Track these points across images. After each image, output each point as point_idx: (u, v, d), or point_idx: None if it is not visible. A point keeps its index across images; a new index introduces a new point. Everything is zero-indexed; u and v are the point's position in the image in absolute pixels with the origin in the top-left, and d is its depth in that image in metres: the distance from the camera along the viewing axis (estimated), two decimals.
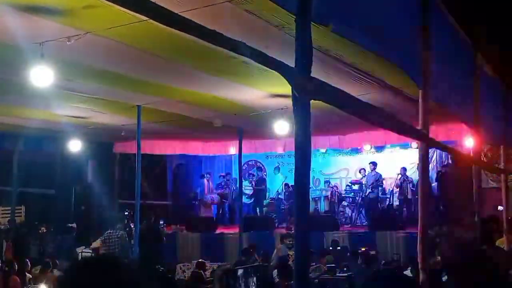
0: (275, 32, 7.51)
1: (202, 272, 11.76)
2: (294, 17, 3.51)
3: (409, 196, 19.09)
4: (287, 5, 4.14)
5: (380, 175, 19.76)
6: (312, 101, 3.50)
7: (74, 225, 18.07)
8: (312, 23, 3.64)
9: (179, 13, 2.95)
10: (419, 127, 5.67)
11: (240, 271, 9.56)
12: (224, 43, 3.06)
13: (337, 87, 3.75)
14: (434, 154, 19.49)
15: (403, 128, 5.03)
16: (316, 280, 11.16)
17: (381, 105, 10.36)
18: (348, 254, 14.50)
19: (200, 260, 13.82)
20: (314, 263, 12.22)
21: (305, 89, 3.47)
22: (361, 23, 4.66)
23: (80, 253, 15.52)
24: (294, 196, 3.67)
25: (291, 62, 3.52)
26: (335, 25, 4.37)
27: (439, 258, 10.16)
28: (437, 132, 14.69)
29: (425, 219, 5.78)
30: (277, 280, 10.26)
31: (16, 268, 12.23)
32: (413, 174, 19.20)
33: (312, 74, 3.53)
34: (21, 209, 19.26)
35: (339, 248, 15.39)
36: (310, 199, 19.74)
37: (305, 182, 3.72)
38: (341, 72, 9.65)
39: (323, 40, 7.55)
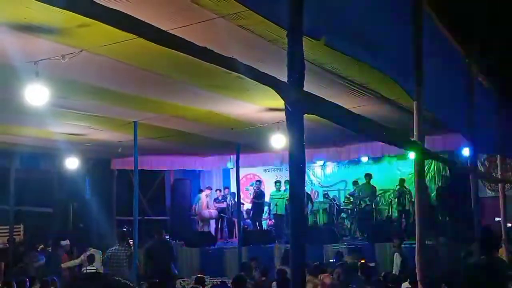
0: (269, 47, 7.53)
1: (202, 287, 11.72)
2: (286, 31, 3.52)
3: (408, 207, 19.04)
4: (279, 20, 4.16)
5: (375, 187, 19.71)
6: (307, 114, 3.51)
7: (68, 242, 17.93)
8: (305, 36, 3.66)
9: (172, 30, 2.96)
10: (414, 138, 5.69)
11: None
12: (215, 60, 3.08)
13: (330, 101, 3.76)
14: (432, 164, 19.49)
15: (398, 140, 5.04)
16: None
17: (376, 117, 10.37)
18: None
19: (199, 275, 13.77)
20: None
21: (298, 103, 3.48)
22: (354, 36, 4.69)
23: (84, 270, 15.44)
24: (289, 208, 3.67)
25: (285, 77, 3.53)
26: (328, 38, 4.39)
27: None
28: (434, 142, 14.71)
29: (423, 230, 5.78)
30: None
31: (15, 287, 12.16)
32: (411, 185, 19.16)
33: (306, 88, 3.54)
34: (19, 227, 19.20)
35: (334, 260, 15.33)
36: (309, 212, 19.74)
37: (301, 195, 3.72)
38: (335, 85, 9.68)
39: (316, 53, 7.58)
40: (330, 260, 15.49)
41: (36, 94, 8.29)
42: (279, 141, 13.78)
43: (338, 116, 3.90)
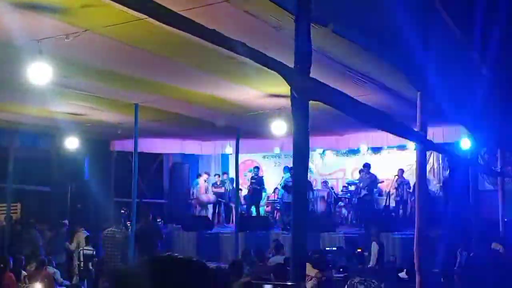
0: (273, 33, 7.50)
1: None
2: (294, 18, 3.51)
3: (405, 198, 19.06)
4: (287, 6, 4.14)
5: (376, 176, 19.63)
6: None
7: (66, 221, 17.99)
8: (312, 23, 3.64)
9: (178, 12, 2.94)
10: (416, 129, 5.69)
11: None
12: (224, 43, 3.06)
13: (336, 88, 3.75)
14: (431, 156, 19.46)
15: (402, 130, 5.04)
16: None
17: (379, 107, 10.34)
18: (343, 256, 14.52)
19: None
20: None
21: (304, 90, 3.47)
22: (361, 24, 4.67)
23: (81, 251, 15.51)
24: (292, 196, 3.67)
25: (289, 64, 3.52)
26: (335, 25, 4.38)
27: None
28: (434, 134, 14.69)
29: (422, 221, 5.79)
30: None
31: (11, 265, 12.18)
32: (410, 175, 19.19)
33: (310, 75, 3.53)
34: (16, 206, 19.20)
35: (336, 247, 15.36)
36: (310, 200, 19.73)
37: (303, 182, 3.72)
38: (338, 73, 9.63)
39: (321, 41, 7.53)
40: (327, 248, 15.52)
41: (39, 72, 8.26)
42: (279, 127, 13.75)
43: (343, 104, 3.89)
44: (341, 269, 12.39)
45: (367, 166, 19.58)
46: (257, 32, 7.51)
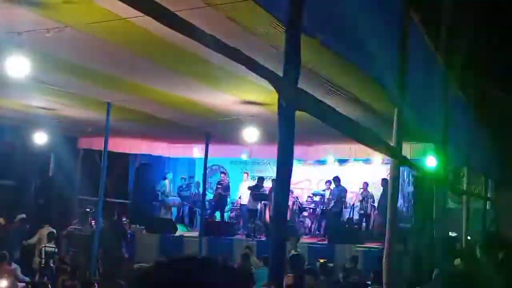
0: (257, 42, 7.51)
1: None
2: (282, 28, 3.56)
3: (369, 211, 19.25)
4: (279, 16, 4.19)
5: (345, 190, 19.77)
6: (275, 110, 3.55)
7: (24, 215, 17.69)
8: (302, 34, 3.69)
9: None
10: (392, 144, 5.78)
11: None
12: (220, 49, 3.08)
13: (322, 100, 3.81)
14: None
15: (382, 145, 5.12)
16: None
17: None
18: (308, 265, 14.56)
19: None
20: None
21: (292, 99, 3.52)
22: (347, 37, 4.74)
23: (43, 248, 15.26)
24: (273, 205, 3.71)
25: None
26: (322, 38, 4.43)
27: None
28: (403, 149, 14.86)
29: (393, 235, 5.88)
30: None
31: None
32: (375, 189, 19.40)
33: None
34: None
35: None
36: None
37: (286, 191, 3.77)
38: (316, 85, 9.66)
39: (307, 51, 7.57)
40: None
41: (17, 65, 8.19)
42: (250, 134, 13.81)
43: (329, 116, 3.95)
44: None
45: (337, 179, 19.69)
46: (238, 39, 7.51)
